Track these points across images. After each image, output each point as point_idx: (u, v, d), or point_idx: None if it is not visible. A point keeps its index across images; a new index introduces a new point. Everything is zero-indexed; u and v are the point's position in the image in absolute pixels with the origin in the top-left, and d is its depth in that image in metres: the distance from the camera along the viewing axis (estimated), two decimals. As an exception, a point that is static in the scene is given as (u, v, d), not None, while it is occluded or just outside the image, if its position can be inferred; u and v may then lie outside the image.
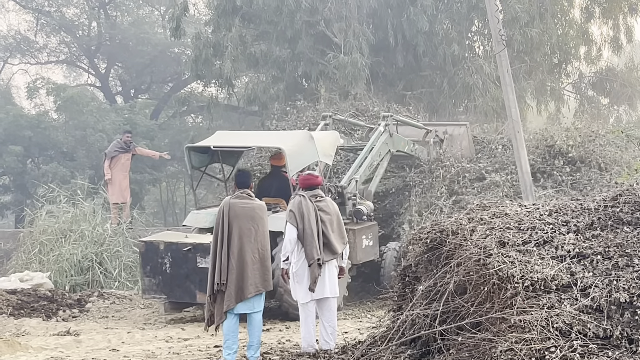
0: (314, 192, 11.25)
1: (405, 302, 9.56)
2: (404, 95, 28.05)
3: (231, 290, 10.29)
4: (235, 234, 10.34)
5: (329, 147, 15.93)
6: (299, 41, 27.24)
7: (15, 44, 43.82)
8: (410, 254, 9.99)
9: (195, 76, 30.06)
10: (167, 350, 11.88)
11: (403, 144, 18.47)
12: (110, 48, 42.52)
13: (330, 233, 11.04)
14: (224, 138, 16.73)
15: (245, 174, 11.18)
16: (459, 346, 8.10)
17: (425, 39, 27.04)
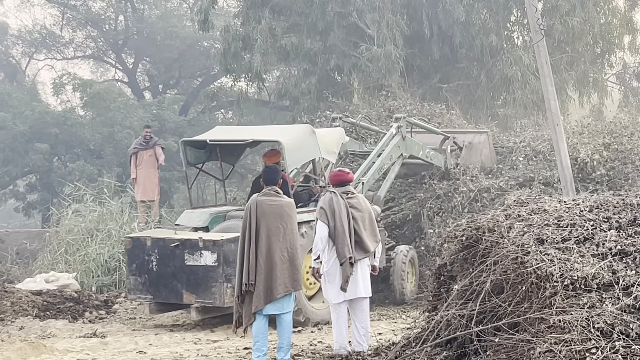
0: (345, 189, 11.13)
1: (440, 302, 9.51)
2: (440, 88, 27.93)
3: (260, 291, 10.18)
4: (263, 232, 10.25)
5: (332, 143, 15.55)
6: (331, 33, 27.19)
7: (41, 39, 44.13)
8: (445, 253, 9.93)
9: (225, 70, 30.11)
10: (195, 352, 11.90)
11: (417, 148, 17.95)
12: (137, 42, 42.72)
13: (362, 231, 10.94)
14: (222, 133, 16.39)
15: (272, 170, 11.10)
16: (496, 347, 8.04)
17: (461, 29, 26.89)
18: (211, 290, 13.50)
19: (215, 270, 13.47)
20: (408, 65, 27.10)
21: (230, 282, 13.22)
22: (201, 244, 13.58)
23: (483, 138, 19.48)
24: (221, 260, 13.41)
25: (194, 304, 13.70)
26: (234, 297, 10.66)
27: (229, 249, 13.41)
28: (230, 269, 13.18)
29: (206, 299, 13.58)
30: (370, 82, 27.15)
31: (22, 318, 14.94)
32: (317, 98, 27.79)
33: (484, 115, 27.44)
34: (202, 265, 13.56)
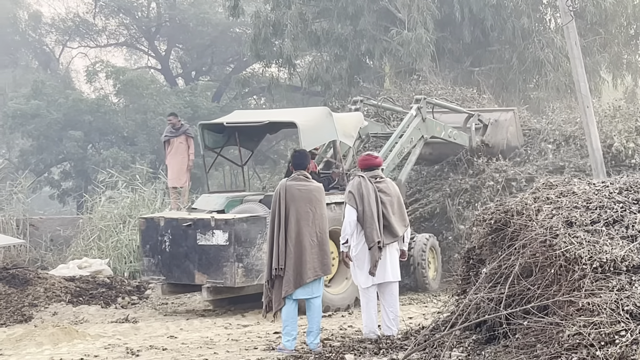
0: (374, 173, 11.09)
1: (469, 286, 9.49)
2: (472, 71, 27.75)
3: (289, 276, 10.28)
4: (292, 217, 10.30)
5: (350, 127, 15.34)
6: (361, 18, 27.06)
7: (74, 27, 44.29)
8: (474, 236, 9.88)
9: (256, 56, 30.07)
10: (225, 337, 11.94)
11: (439, 129, 17.54)
12: (170, 29, 42.79)
13: (390, 215, 10.91)
14: (240, 116, 16.32)
15: (301, 154, 11.11)
16: (525, 330, 8.02)
17: (493, 12, 26.66)
18: (222, 270, 13.49)
19: (226, 250, 13.44)
20: (439, 49, 26.93)
21: (241, 262, 13.38)
22: (213, 224, 13.57)
23: (509, 116, 19.07)
24: (232, 239, 13.38)
25: (205, 284, 13.69)
26: (264, 282, 10.68)
27: (240, 228, 13.43)
28: (242, 248, 13.35)
29: (217, 279, 13.57)
30: (402, 67, 27.02)
31: (55, 304, 15.04)
32: (348, 83, 27.72)
33: (516, 99, 27.20)
34: (214, 245, 13.56)
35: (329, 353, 9.95)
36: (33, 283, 15.62)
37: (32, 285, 15.53)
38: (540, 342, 7.74)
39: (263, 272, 12.28)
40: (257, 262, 13.47)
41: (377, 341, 10.51)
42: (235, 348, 10.97)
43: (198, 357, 10.35)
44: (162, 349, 11.07)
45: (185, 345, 11.32)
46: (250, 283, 13.56)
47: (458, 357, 8.77)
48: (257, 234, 13.53)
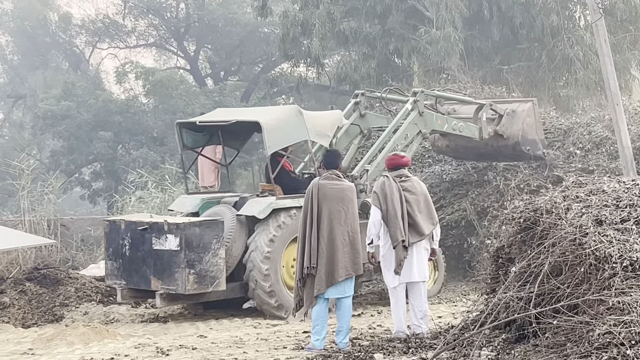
0: (399, 172, 11.11)
1: (498, 285, 9.45)
2: (501, 70, 27.61)
3: (321, 274, 10.27)
4: (324, 216, 10.32)
5: (326, 126, 14.44)
6: (390, 17, 27.00)
7: (104, 28, 44.57)
8: (503, 235, 9.85)
9: (284, 56, 30.13)
10: (255, 336, 11.96)
11: (440, 122, 16.31)
12: (199, 30, 42.94)
13: (416, 214, 10.88)
14: (220, 115, 15.63)
15: (333, 153, 11.16)
16: (555, 329, 7.98)
17: (522, 10, 26.53)
18: (174, 276, 12.84)
19: (177, 255, 12.79)
20: (468, 48, 26.84)
21: (193, 268, 12.78)
22: (166, 227, 12.96)
23: (527, 106, 17.76)
24: (183, 244, 12.71)
25: (159, 291, 13.02)
26: (295, 281, 10.69)
27: (192, 233, 12.78)
28: (194, 254, 12.75)
29: (170, 286, 12.92)
30: (430, 65, 26.94)
31: (86, 304, 15.12)
32: (377, 82, 27.60)
33: (546, 97, 27.03)
34: (167, 249, 12.90)
35: (358, 352, 9.95)
36: (64, 283, 15.70)
37: (63, 285, 15.61)
38: (570, 341, 7.70)
39: (219, 279, 12.76)
40: (212, 268, 12.92)
41: (406, 340, 10.51)
42: (264, 347, 10.98)
43: (227, 356, 10.38)
44: (191, 348, 11.11)
45: (214, 345, 11.35)
46: (203, 290, 12.98)
47: (487, 356, 8.75)
48: (212, 239, 12.93)
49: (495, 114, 17.31)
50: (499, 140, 17.23)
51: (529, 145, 17.27)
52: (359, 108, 16.45)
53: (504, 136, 17.19)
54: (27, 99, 42.93)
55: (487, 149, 17.50)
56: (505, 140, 17.24)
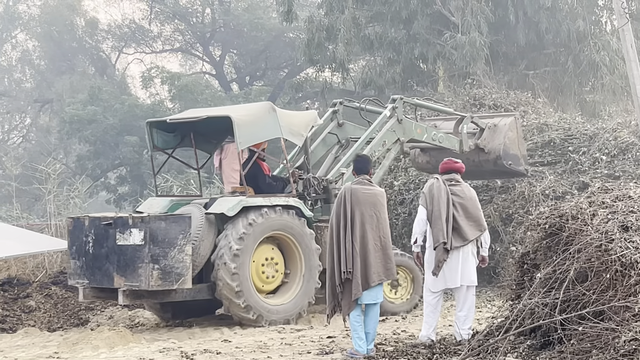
0: (450, 176, 11.05)
1: (523, 291, 9.39)
2: (526, 75, 27.53)
3: (358, 279, 10.27)
4: (357, 220, 10.34)
5: (300, 125, 14.10)
6: (415, 22, 26.98)
7: (130, 33, 44.86)
8: (528, 241, 9.80)
9: (309, 61, 30.14)
10: (279, 341, 11.96)
11: (420, 131, 15.82)
12: (224, 35, 43.09)
13: (462, 218, 10.77)
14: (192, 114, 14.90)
15: (364, 159, 11.09)
16: (581, 336, 7.96)
17: (548, 15, 26.46)
18: (137, 271, 12.21)
19: (141, 250, 12.17)
20: (493, 52, 26.78)
21: (157, 264, 12.17)
22: (131, 221, 12.35)
23: (510, 120, 17.09)
24: (147, 238, 12.10)
25: (122, 287, 12.41)
26: (331, 286, 10.56)
27: (157, 226, 12.19)
28: (159, 249, 12.15)
29: (133, 282, 12.28)
30: (455, 70, 26.89)
31: (111, 307, 15.19)
32: (402, 87, 27.62)
33: (572, 102, 26.98)
34: (130, 244, 12.29)
35: (382, 358, 9.93)
36: (89, 287, 15.76)
37: (89, 289, 15.67)
38: (595, 348, 7.67)
39: (184, 276, 12.21)
40: (177, 264, 12.27)
41: (430, 346, 10.47)
42: (288, 352, 10.98)
43: (252, 361, 10.40)
44: (216, 352, 11.12)
45: (239, 349, 11.36)
46: (168, 287, 12.35)
47: (512, 362, 8.71)
48: (179, 234, 12.28)
49: (477, 128, 16.85)
50: (480, 154, 16.83)
51: (511, 160, 16.80)
52: (337, 117, 16.13)
53: (485, 150, 16.77)
54: (54, 103, 43.23)
55: (468, 164, 16.18)
56: (487, 155, 16.82)
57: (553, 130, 19.01)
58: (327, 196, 14.53)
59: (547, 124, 19.41)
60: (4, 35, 50.79)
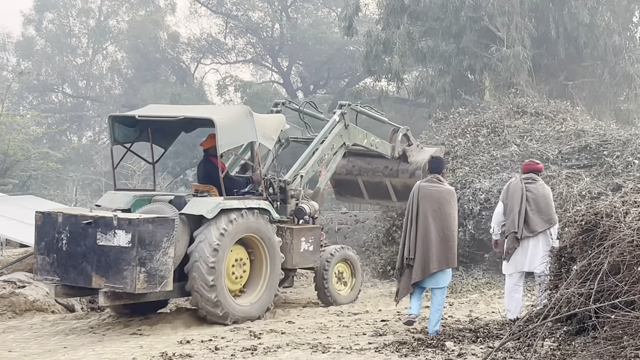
0: (529, 176, 11.36)
1: (561, 282, 9.33)
2: (566, 85, 27.21)
3: (417, 266, 10.52)
4: (422, 214, 10.58)
5: (271, 129, 13.24)
6: (464, 36, 26.85)
7: (207, 45, 45.21)
8: (565, 236, 9.76)
9: (367, 71, 30.14)
10: (337, 323, 11.98)
11: (362, 137, 15.67)
12: (291, 47, 43.28)
13: (533, 212, 11.03)
14: (155, 110, 13.73)
15: (438, 160, 11.21)
16: (613, 323, 7.88)
17: (586, 30, 26.14)
18: (122, 274, 10.90)
19: (128, 252, 10.87)
20: (535, 64, 26.50)
21: (144, 267, 10.90)
22: (116, 223, 10.96)
23: (436, 148, 17.41)
24: (136, 241, 10.83)
25: (102, 289, 11.07)
26: (395, 270, 11.16)
27: (145, 229, 10.92)
28: (146, 251, 10.90)
29: (116, 284, 10.96)
30: (500, 81, 26.64)
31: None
32: (451, 96, 27.51)
33: (607, 110, 26.64)
34: (114, 246, 10.97)
35: (430, 340, 9.90)
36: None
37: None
38: (626, 334, 7.61)
39: (167, 278, 11.09)
40: (162, 267, 11.06)
41: (475, 330, 10.43)
42: (345, 333, 10.99)
43: (312, 340, 10.41)
44: (281, 332, 11.18)
45: (301, 330, 11.40)
46: (152, 290, 11.10)
47: (550, 346, 8.65)
48: (164, 237, 11.08)
49: (407, 142, 16.96)
50: (401, 164, 16.94)
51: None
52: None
53: (408, 159, 16.90)
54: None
55: (386, 172, 17.14)
56: (407, 165, 16.93)
57: (589, 136, 18.78)
58: (284, 197, 13.79)
59: (584, 130, 19.19)
60: (96, 47, 51.53)
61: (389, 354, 9.32)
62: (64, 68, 50.40)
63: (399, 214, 19.80)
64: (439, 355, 9.08)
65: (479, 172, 18.16)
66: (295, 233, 13.43)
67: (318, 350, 9.69)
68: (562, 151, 18.42)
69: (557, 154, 18.33)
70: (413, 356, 9.11)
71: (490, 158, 18.83)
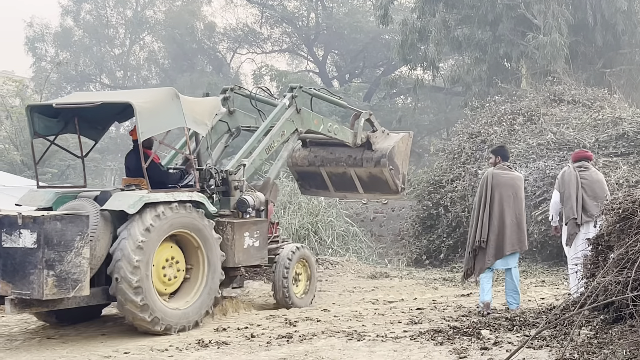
0: (581, 164, 11.81)
1: (598, 270, 9.23)
2: (603, 73, 26.95)
3: (491, 248, 11.12)
4: (496, 199, 11.15)
5: (204, 113, 11.68)
6: (500, 24, 26.68)
7: (243, 35, 45.31)
8: (602, 224, 9.66)
9: (403, 60, 30.04)
10: (373, 311, 11.96)
11: (317, 122, 14.01)
12: (327, 37, 43.25)
13: (589, 198, 11.48)
14: (77, 98, 12.13)
15: (506, 149, 12.03)
16: (651, 312, 7.75)
17: (624, 17, 25.89)
18: (29, 278, 9.51)
19: (34, 254, 9.48)
20: (572, 52, 26.26)
21: (52, 270, 9.47)
22: (20, 222, 9.61)
23: (402, 134, 15.40)
24: (42, 241, 9.46)
25: (9, 296, 9.67)
26: (467, 252, 11.47)
27: (52, 228, 9.52)
28: (54, 253, 9.49)
29: (23, 290, 9.59)
30: (537, 69, 26.46)
31: (224, 279, 15.35)
32: (487, 84, 27.39)
33: (646, 98, 26.35)
34: (20, 247, 9.60)
35: (466, 328, 9.85)
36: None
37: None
38: (664, 323, 7.49)
39: (81, 282, 9.64)
40: (74, 270, 9.65)
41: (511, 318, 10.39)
42: (381, 321, 10.98)
43: (348, 328, 10.41)
44: (316, 320, 11.19)
45: (336, 318, 11.40)
46: (64, 295, 9.65)
47: (587, 334, 8.57)
48: (76, 236, 9.70)
49: (371, 128, 15.07)
50: (365, 152, 14.90)
51: (392, 167, 14.78)
52: (227, 104, 13.94)
53: (372, 147, 14.85)
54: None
55: (349, 162, 15.15)
56: (372, 153, 14.86)
57: (627, 124, 18.59)
58: (227, 188, 12.25)
59: (622, 117, 18.99)
60: (133, 38, 51.84)
61: (424, 342, 9.29)
62: (101, 58, 50.79)
63: (434, 203, 19.78)
64: (475, 343, 9.04)
65: (515, 161, 18.03)
66: (237, 228, 11.78)
67: (353, 338, 9.68)
68: (599, 139, 18.22)
69: (594, 142, 18.13)
70: (448, 344, 9.07)
71: (527, 146, 18.69)
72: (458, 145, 20.72)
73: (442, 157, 21.52)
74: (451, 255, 18.93)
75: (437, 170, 20.73)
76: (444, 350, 8.78)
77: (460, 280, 11.82)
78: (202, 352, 9.24)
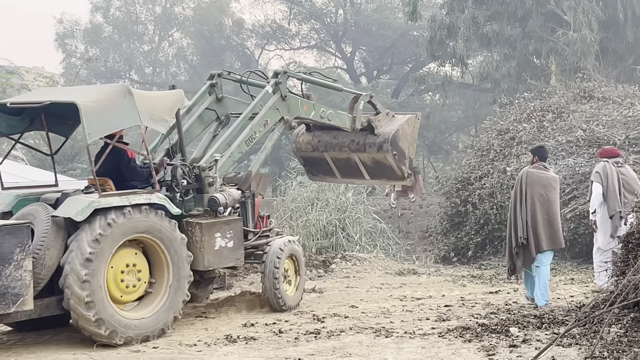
0: (615, 160, 12.44)
1: (628, 268, 9.17)
2: (634, 69, 26.69)
3: (531, 246, 11.34)
4: (529, 198, 11.35)
5: (163, 110, 10.62)
6: (530, 20, 26.53)
7: (271, 32, 45.37)
8: (633, 222, 9.58)
9: (431, 56, 30.02)
10: (400, 307, 11.94)
11: (306, 108, 12.69)
12: (355, 33, 43.21)
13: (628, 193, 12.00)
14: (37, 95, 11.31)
15: (545, 149, 12.17)
16: (682, 311, 7.68)
17: (655, 13, 25.67)
18: None
19: None
20: (603, 48, 26.07)
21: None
22: None
23: (409, 116, 14.11)
24: None
25: None
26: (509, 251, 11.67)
27: None
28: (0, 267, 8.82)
29: None
30: (567, 65, 26.29)
31: (252, 274, 15.37)
32: (516, 80, 27.27)
33: (677, 95, 26.05)
34: None
35: (494, 325, 9.81)
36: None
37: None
38: (696, 322, 7.42)
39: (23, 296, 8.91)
40: (14, 284, 8.97)
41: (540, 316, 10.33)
42: (409, 318, 10.96)
43: (376, 324, 10.40)
44: (344, 316, 11.18)
45: (364, 314, 11.39)
46: (4, 311, 8.97)
47: (616, 333, 8.50)
48: (15, 248, 8.97)
49: (374, 110, 13.73)
50: (367, 137, 13.62)
51: (397, 152, 13.48)
52: (215, 91, 13.10)
53: (375, 131, 13.54)
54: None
55: (352, 147, 13.90)
56: (374, 138, 13.57)
57: (658, 121, 18.39)
58: (200, 185, 11.28)
59: (653, 114, 18.78)
60: (162, 34, 52.05)
61: (452, 339, 9.27)
62: (130, 55, 51.06)
63: (463, 200, 19.70)
64: (503, 340, 9.00)
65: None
66: (206, 228, 10.80)
67: (381, 334, 9.68)
68: (629, 136, 18.04)
69: (625, 139, 17.94)
70: (477, 341, 9.04)
71: (556, 143, 18.55)
72: (486, 142, 20.61)
73: (471, 154, 21.40)
74: (479, 252, 18.85)
75: (466, 167, 20.62)
76: (472, 348, 8.76)
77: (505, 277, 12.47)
78: (230, 347, 9.28)
